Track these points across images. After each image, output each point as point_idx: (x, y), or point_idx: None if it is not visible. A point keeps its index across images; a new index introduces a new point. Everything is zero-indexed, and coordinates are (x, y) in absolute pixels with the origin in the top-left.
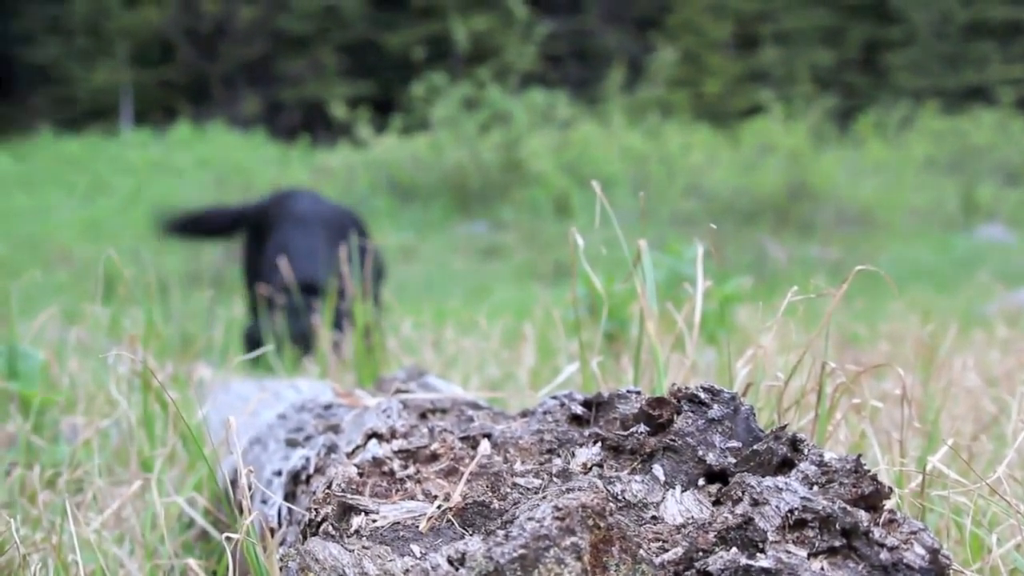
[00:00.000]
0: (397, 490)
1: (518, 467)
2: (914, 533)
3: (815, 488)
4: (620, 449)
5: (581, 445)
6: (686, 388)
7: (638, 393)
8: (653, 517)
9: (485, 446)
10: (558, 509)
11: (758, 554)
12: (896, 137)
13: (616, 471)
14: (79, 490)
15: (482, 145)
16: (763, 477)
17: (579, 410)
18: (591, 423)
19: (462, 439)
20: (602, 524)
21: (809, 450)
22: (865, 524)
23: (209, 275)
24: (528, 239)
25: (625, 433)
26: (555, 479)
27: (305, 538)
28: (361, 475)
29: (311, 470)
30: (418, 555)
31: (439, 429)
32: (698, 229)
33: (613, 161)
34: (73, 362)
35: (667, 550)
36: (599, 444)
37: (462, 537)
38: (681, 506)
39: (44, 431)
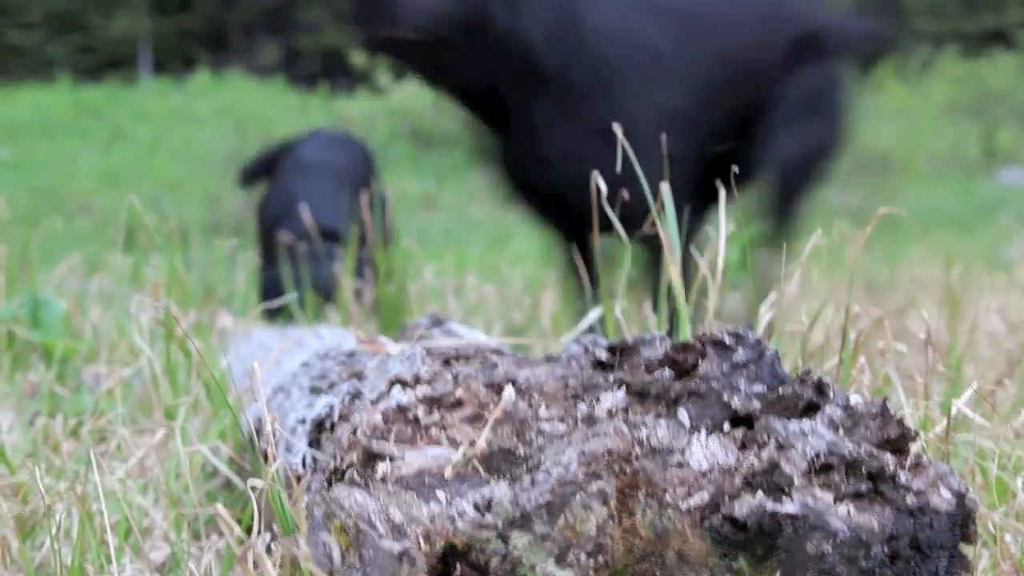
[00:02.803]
0: (422, 437)
1: (543, 413)
2: (940, 477)
3: (841, 432)
4: (645, 394)
5: (606, 390)
6: (711, 332)
7: (662, 338)
8: (679, 462)
9: (509, 392)
10: (584, 455)
11: (784, 498)
12: (916, 81)
13: (641, 416)
14: (102, 439)
15: None
16: (788, 421)
17: (603, 355)
18: (615, 368)
19: (486, 385)
20: (628, 469)
21: (834, 394)
22: (891, 468)
23: (230, 223)
24: None
25: (650, 378)
26: (580, 425)
27: (330, 485)
28: (386, 422)
29: (335, 417)
30: (444, 501)
31: (463, 375)
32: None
33: None
34: (95, 311)
35: (693, 495)
36: (624, 389)
37: (488, 483)
38: (707, 451)
39: (67, 380)
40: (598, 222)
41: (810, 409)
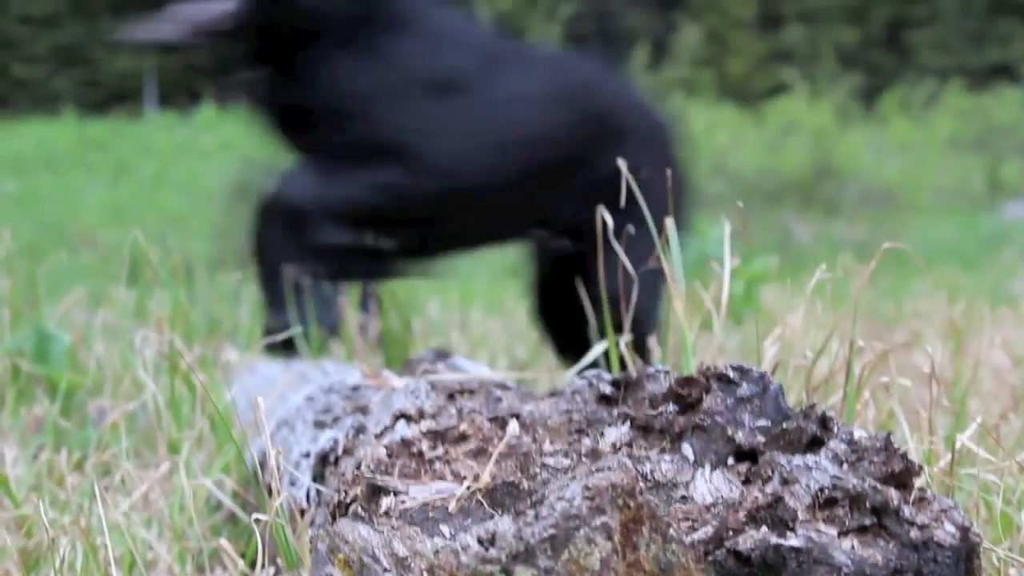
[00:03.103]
0: (426, 471)
1: (547, 447)
2: (944, 511)
3: (845, 466)
4: (649, 429)
5: (610, 425)
6: (715, 367)
7: (667, 372)
8: (683, 496)
9: (514, 426)
10: (588, 489)
11: (788, 533)
12: (921, 115)
13: (645, 451)
14: (107, 473)
15: None
16: (793, 455)
17: (607, 390)
18: (620, 403)
19: (490, 420)
20: (632, 504)
21: (838, 428)
22: (895, 502)
23: (235, 258)
24: None
25: (654, 413)
26: (584, 459)
27: (334, 520)
28: (390, 456)
29: (340, 451)
30: (448, 536)
31: (467, 410)
32: (724, 209)
33: None
34: (99, 345)
35: (697, 529)
36: (628, 424)
37: (492, 518)
38: (711, 485)
39: (71, 414)
40: (603, 252)
41: (814, 443)
